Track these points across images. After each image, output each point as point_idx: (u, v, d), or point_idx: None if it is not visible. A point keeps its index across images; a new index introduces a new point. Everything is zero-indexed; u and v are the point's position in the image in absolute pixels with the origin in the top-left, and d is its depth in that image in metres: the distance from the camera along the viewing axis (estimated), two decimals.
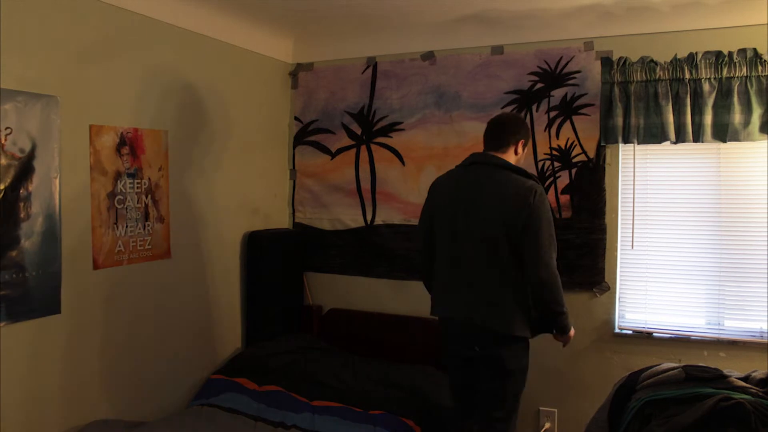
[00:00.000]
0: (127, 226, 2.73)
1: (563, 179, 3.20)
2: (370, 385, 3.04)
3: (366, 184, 3.65)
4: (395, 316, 3.53)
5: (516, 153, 2.44)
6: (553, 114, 3.21)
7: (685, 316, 3.05)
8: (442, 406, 2.95)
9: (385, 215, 3.61)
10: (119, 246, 2.69)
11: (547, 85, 3.21)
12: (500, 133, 2.43)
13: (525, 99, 3.27)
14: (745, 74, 2.77)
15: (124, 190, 2.71)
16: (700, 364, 2.42)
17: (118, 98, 2.68)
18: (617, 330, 3.14)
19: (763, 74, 2.75)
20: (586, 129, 3.15)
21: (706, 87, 2.82)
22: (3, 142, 2.20)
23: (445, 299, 2.45)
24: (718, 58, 2.80)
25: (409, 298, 3.54)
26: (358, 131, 3.66)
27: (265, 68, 3.65)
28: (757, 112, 2.76)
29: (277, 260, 3.49)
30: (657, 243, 3.09)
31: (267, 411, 2.81)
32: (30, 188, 2.30)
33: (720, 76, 2.80)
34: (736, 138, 2.79)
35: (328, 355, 3.38)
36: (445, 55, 3.43)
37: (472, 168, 2.42)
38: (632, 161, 3.10)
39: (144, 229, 2.81)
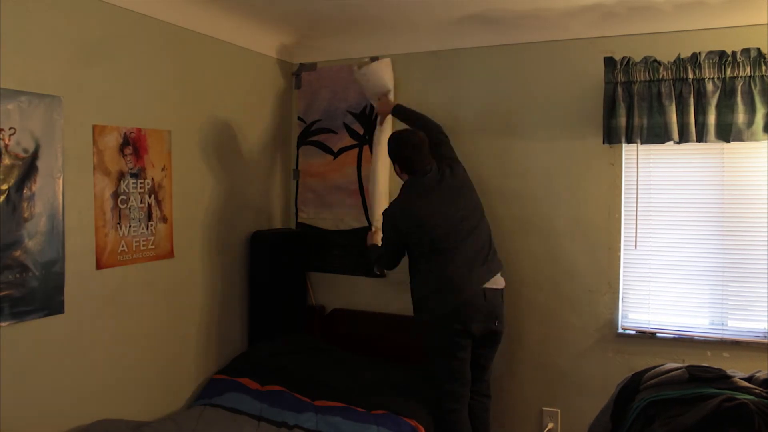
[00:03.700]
0: (130, 226, 2.73)
1: None
2: (372, 385, 3.04)
3: (368, 184, 3.65)
4: (398, 316, 3.53)
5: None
6: None
7: (688, 316, 3.05)
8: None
9: None
10: (122, 246, 2.70)
11: None
12: (425, 153, 2.87)
13: None
14: (748, 74, 2.75)
15: (127, 190, 2.71)
16: (704, 365, 2.41)
17: (121, 98, 2.68)
18: (620, 330, 3.14)
19: (767, 74, 2.74)
20: None
21: (709, 87, 2.81)
22: (7, 142, 2.21)
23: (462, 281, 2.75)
24: (721, 58, 2.79)
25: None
26: (360, 131, 3.66)
27: (268, 68, 3.65)
28: (760, 112, 2.75)
29: (280, 260, 3.50)
30: (660, 243, 3.08)
31: (270, 411, 2.81)
32: (33, 188, 2.30)
33: (723, 76, 2.79)
34: (739, 138, 2.78)
35: (331, 355, 3.38)
36: (446, 54, 3.43)
37: (429, 185, 2.84)
38: (635, 161, 3.10)
39: (147, 229, 2.82)
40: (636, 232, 3.11)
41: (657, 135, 2.90)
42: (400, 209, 2.84)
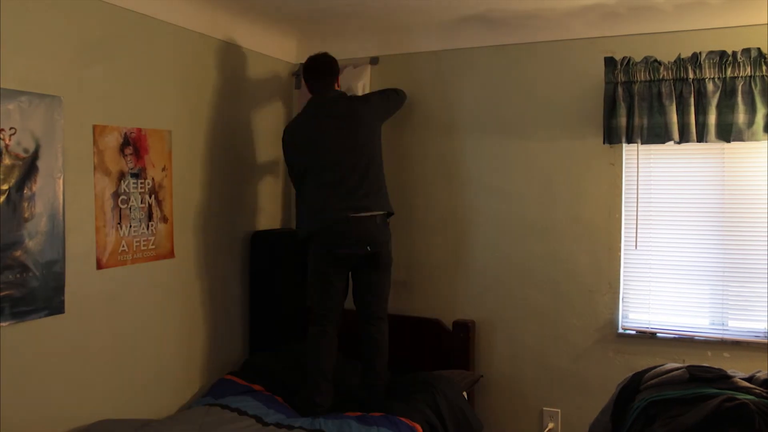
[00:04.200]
0: (130, 226, 2.73)
1: None
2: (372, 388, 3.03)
3: None
4: (398, 316, 3.52)
5: (338, 84, 3.09)
6: None
7: (688, 316, 3.05)
8: (447, 405, 2.94)
9: None
10: (123, 246, 2.70)
11: None
12: (329, 78, 3.02)
13: None
14: (749, 74, 2.76)
15: (127, 190, 2.71)
16: (704, 365, 2.42)
17: (121, 98, 2.68)
18: (621, 330, 3.14)
19: (767, 74, 2.74)
20: None
21: (709, 87, 2.81)
22: (7, 142, 2.21)
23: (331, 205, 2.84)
24: (722, 58, 2.79)
25: (412, 299, 3.54)
26: None
27: (269, 68, 3.65)
28: (761, 112, 2.75)
29: (280, 260, 3.49)
30: (661, 243, 3.08)
31: (273, 413, 2.81)
32: (34, 188, 2.30)
33: (724, 76, 2.79)
34: (740, 138, 2.78)
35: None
36: (447, 54, 3.43)
37: (323, 110, 2.96)
38: (635, 161, 3.10)
39: (147, 229, 2.82)
40: (636, 232, 3.11)
41: (657, 135, 2.90)
42: (289, 127, 3.07)
